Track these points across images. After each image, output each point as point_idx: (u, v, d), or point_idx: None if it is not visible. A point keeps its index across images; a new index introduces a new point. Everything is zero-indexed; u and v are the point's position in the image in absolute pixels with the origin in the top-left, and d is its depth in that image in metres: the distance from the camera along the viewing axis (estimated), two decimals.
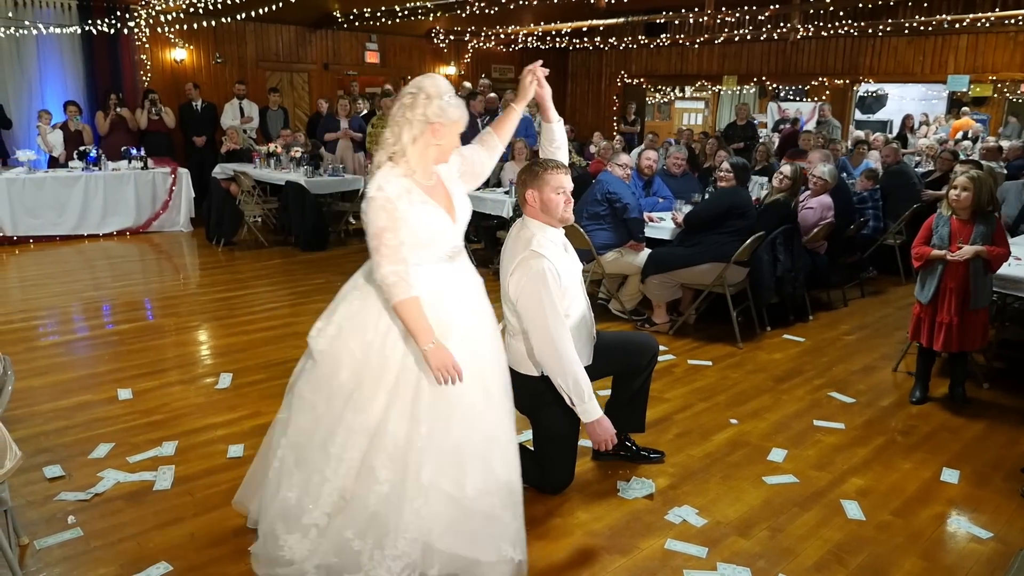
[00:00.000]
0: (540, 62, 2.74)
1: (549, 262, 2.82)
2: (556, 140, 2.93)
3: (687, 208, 5.85)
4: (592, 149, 9.95)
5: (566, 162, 2.96)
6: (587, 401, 2.86)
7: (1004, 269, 4.15)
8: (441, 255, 2.47)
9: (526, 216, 2.96)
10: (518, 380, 2.87)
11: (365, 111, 9.94)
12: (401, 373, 2.41)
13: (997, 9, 9.64)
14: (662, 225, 5.85)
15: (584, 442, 3.21)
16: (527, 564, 2.52)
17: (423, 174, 2.43)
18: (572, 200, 2.93)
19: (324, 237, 8.22)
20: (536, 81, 2.69)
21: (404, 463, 2.37)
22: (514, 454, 2.53)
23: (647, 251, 5.65)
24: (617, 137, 10.88)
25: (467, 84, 11.09)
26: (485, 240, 8.07)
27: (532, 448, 3.18)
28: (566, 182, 2.89)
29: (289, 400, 2.68)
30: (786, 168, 5.71)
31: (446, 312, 2.43)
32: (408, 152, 2.38)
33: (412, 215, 2.35)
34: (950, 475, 3.42)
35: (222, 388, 4.25)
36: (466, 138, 2.56)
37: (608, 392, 3.41)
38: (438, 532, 2.39)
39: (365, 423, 2.40)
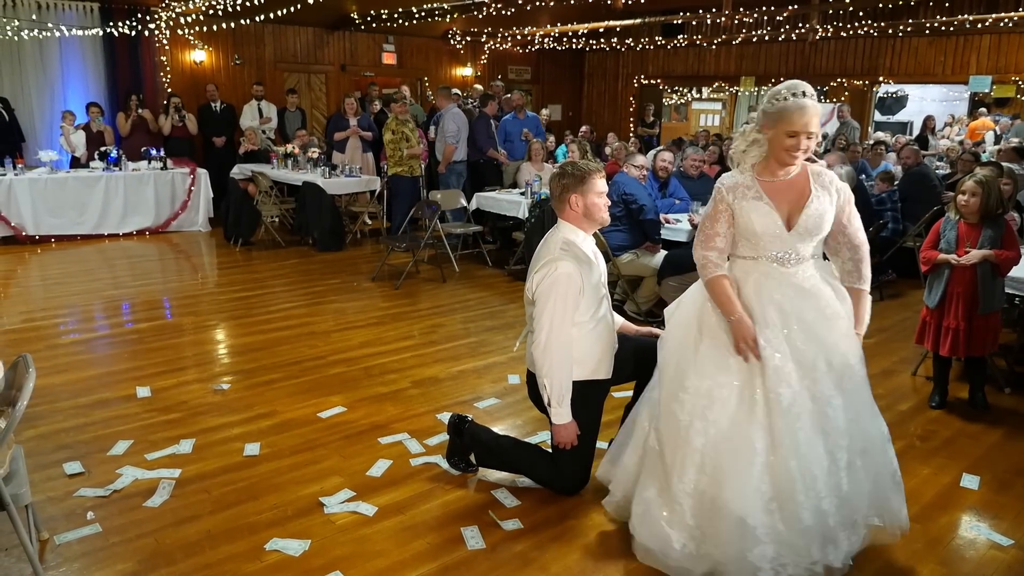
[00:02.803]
0: None
1: (575, 267, 2.82)
2: None
3: (704, 210, 5.80)
4: (607, 150, 9.92)
5: None
6: (563, 406, 2.91)
7: (1020, 272, 4.09)
8: (768, 254, 2.58)
9: (560, 220, 2.97)
10: (536, 381, 2.94)
11: (380, 107, 10.02)
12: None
13: (1020, 9, 9.50)
14: (678, 227, 5.82)
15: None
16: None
17: (767, 172, 2.58)
18: (609, 201, 2.98)
19: (341, 237, 8.26)
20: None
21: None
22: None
23: (663, 253, 5.63)
24: (632, 139, 10.84)
25: (478, 87, 11.09)
26: (500, 241, 8.08)
27: (549, 449, 3.18)
28: (604, 185, 2.95)
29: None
30: None
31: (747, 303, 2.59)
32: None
33: (741, 209, 2.58)
34: (970, 481, 3.38)
35: (239, 387, 4.29)
36: (479, 139, 2.58)
37: (626, 394, 3.40)
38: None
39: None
